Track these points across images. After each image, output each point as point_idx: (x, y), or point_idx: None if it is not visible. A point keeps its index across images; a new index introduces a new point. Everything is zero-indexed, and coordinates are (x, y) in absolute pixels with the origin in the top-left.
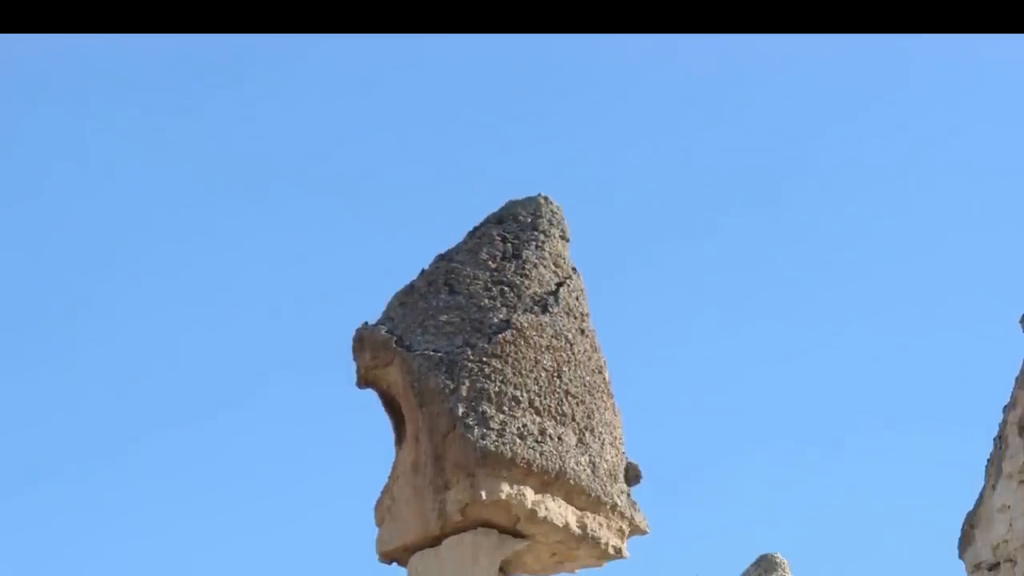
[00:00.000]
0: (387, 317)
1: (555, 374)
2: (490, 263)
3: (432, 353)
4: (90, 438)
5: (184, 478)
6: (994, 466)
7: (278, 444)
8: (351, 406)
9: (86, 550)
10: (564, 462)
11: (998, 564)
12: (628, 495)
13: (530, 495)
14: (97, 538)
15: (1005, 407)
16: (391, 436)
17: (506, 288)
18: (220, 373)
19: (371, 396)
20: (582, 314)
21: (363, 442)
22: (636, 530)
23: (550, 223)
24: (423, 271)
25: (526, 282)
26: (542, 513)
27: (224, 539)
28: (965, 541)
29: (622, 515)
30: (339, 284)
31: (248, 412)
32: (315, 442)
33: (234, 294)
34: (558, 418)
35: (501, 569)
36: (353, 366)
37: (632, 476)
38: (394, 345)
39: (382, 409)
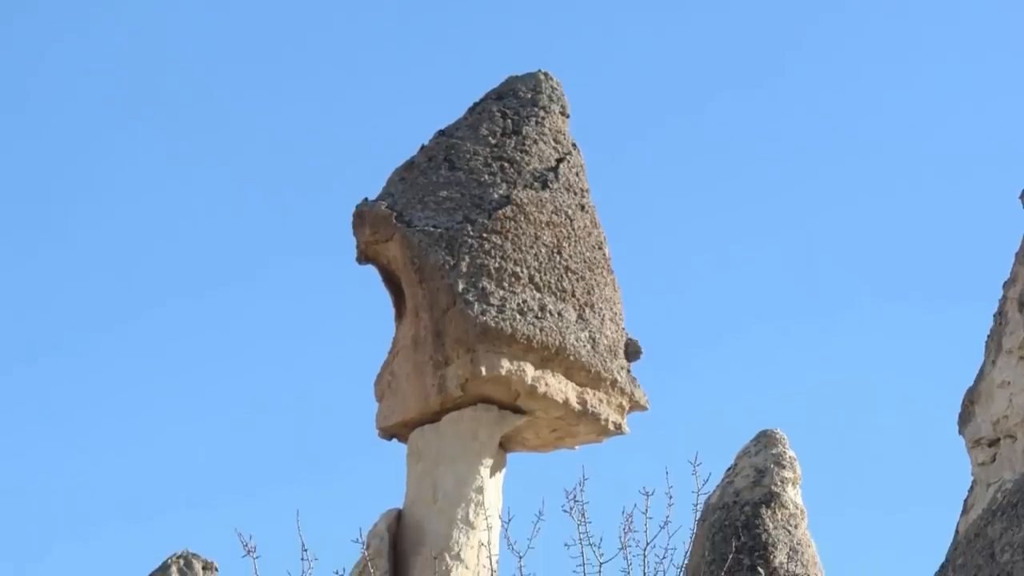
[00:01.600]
0: (387, 193)
1: (555, 250)
2: (490, 139)
3: (432, 229)
4: (92, 312)
5: (185, 354)
6: (994, 342)
7: (278, 320)
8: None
9: (87, 423)
10: (564, 338)
11: (998, 440)
12: (628, 371)
13: (530, 371)
14: (98, 412)
15: (1005, 283)
16: (391, 311)
17: (506, 164)
18: (221, 249)
19: (371, 272)
20: (582, 190)
21: (363, 318)
22: (636, 406)
23: (550, 99)
24: (423, 147)
25: (526, 158)
26: (542, 389)
27: (225, 415)
28: (965, 417)
29: (622, 391)
30: (339, 160)
31: (248, 288)
32: (315, 318)
33: (235, 170)
34: (558, 294)
35: (501, 445)
36: (353, 242)
37: (632, 352)
38: (394, 221)
39: (382, 284)
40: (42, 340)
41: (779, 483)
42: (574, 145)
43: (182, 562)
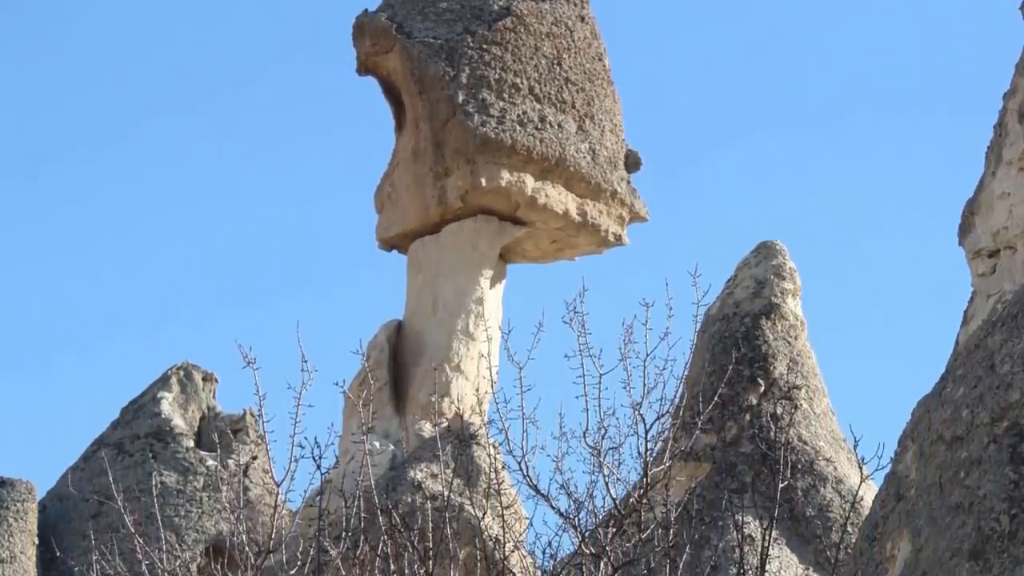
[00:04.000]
0: (387, 4)
1: (555, 61)
2: None
3: (432, 40)
4: (92, 127)
5: (185, 167)
6: (994, 153)
7: (277, 132)
8: (351, 93)
9: (89, 237)
10: (564, 149)
11: (998, 251)
12: (628, 182)
13: (530, 182)
14: (99, 226)
15: (1005, 94)
16: (391, 123)
17: None
18: (222, 58)
19: (371, 83)
20: (581, 1)
21: (363, 129)
22: (636, 217)
23: None
24: None
25: None
26: (542, 200)
27: (224, 228)
28: (965, 228)
29: (622, 202)
30: None
31: (247, 99)
32: (315, 130)
33: None
34: (558, 105)
35: (501, 256)
36: (353, 53)
37: (632, 163)
38: (394, 32)
39: (382, 96)
40: (43, 156)
41: (779, 294)
42: None
43: (182, 373)
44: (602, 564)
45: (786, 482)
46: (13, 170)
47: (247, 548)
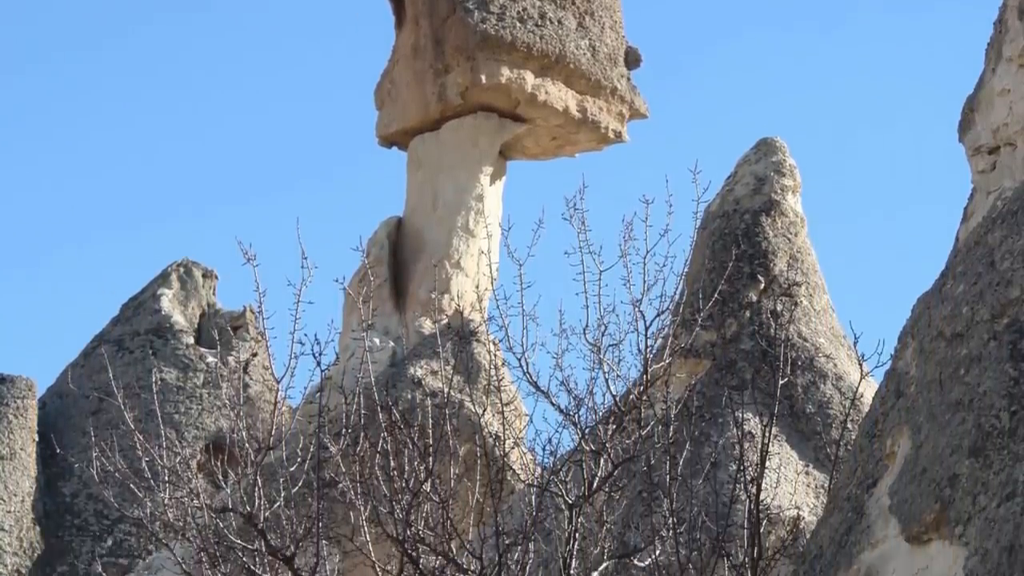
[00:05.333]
0: None
1: None
2: None
3: None
4: (96, 18)
5: (186, 59)
6: (994, 50)
7: (280, 27)
8: None
9: (88, 133)
10: (564, 46)
11: (998, 147)
12: (628, 79)
13: (530, 79)
14: (98, 122)
15: None
16: (391, 19)
17: None
18: None
19: None
20: None
21: (363, 25)
22: (636, 114)
23: None
24: None
25: None
26: (542, 97)
27: (223, 124)
28: (965, 125)
29: (622, 99)
30: None
31: None
32: (316, 26)
33: None
34: (558, 2)
35: (501, 153)
36: None
37: (632, 60)
38: None
39: None
40: (44, 51)
41: (779, 191)
42: None
43: (182, 270)
44: (602, 461)
45: (786, 379)
46: (13, 64)
47: (247, 445)
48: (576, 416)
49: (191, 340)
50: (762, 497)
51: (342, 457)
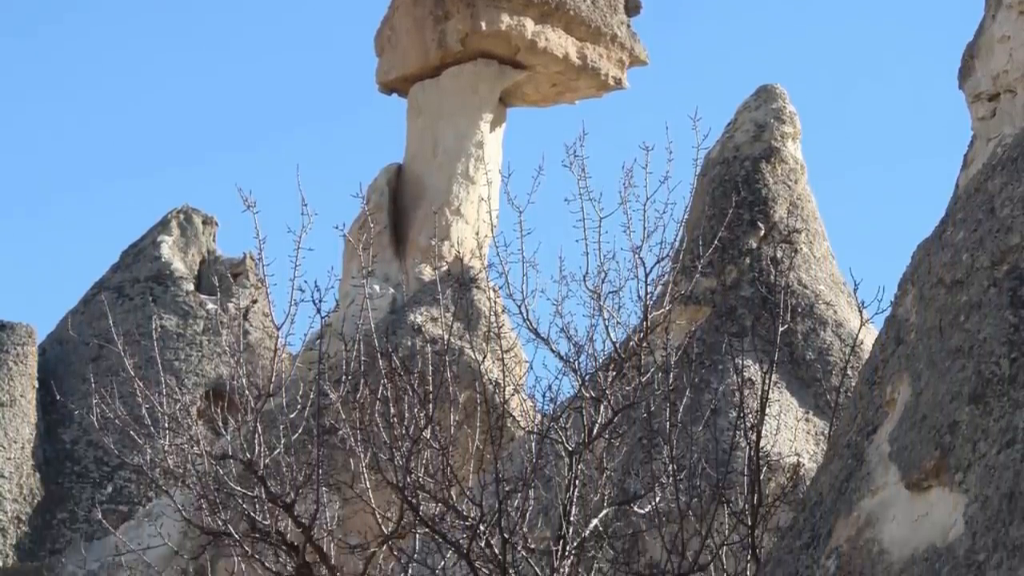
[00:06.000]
0: None
1: None
2: None
3: None
4: None
5: (186, 4)
6: None
7: None
8: None
9: (87, 81)
10: None
11: (998, 94)
12: (628, 26)
13: (530, 26)
14: (97, 70)
15: None
16: None
17: None
18: None
19: None
20: None
21: None
22: (636, 61)
23: None
24: None
25: None
26: (542, 44)
27: (222, 70)
28: (965, 72)
29: (622, 46)
30: None
31: None
32: None
33: None
34: None
35: (501, 100)
36: None
37: (632, 7)
38: None
39: None
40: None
41: (779, 138)
42: None
43: (182, 217)
44: (602, 407)
45: (786, 326)
46: (13, 14)
47: (247, 392)
48: (576, 363)
49: (191, 287)
50: (762, 444)
51: (342, 404)
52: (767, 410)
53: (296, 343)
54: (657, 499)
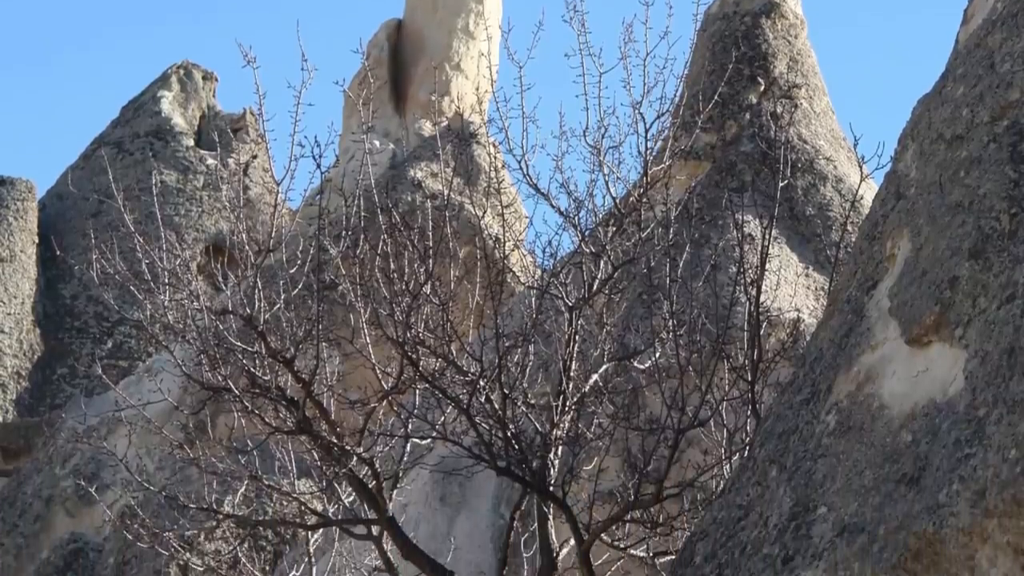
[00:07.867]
0: None
1: None
2: None
3: None
4: None
5: None
6: None
7: None
8: None
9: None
10: None
11: None
12: None
13: None
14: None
15: None
16: None
17: None
18: None
19: None
20: None
21: None
22: None
23: None
24: None
25: None
26: None
27: None
28: None
29: None
30: None
31: None
32: None
33: None
34: None
35: None
36: None
37: None
38: None
39: None
40: None
41: None
42: None
43: (182, 72)
44: (602, 263)
45: (786, 181)
46: None
47: (247, 247)
48: (576, 218)
49: (191, 142)
50: (762, 299)
51: (342, 259)
52: (767, 265)
53: (296, 198)
54: (657, 354)
